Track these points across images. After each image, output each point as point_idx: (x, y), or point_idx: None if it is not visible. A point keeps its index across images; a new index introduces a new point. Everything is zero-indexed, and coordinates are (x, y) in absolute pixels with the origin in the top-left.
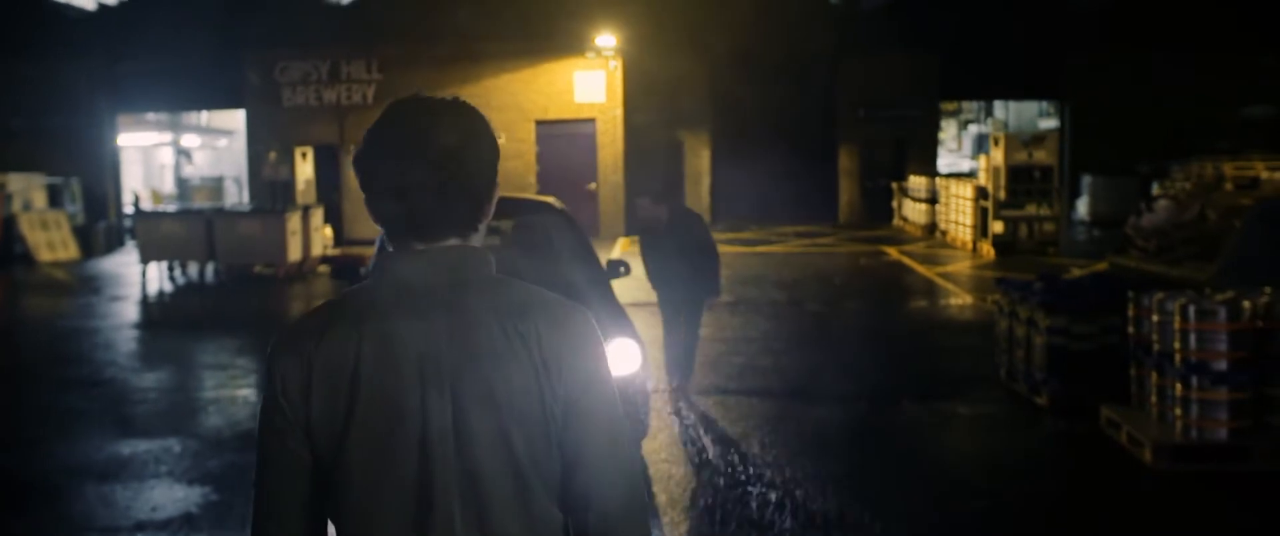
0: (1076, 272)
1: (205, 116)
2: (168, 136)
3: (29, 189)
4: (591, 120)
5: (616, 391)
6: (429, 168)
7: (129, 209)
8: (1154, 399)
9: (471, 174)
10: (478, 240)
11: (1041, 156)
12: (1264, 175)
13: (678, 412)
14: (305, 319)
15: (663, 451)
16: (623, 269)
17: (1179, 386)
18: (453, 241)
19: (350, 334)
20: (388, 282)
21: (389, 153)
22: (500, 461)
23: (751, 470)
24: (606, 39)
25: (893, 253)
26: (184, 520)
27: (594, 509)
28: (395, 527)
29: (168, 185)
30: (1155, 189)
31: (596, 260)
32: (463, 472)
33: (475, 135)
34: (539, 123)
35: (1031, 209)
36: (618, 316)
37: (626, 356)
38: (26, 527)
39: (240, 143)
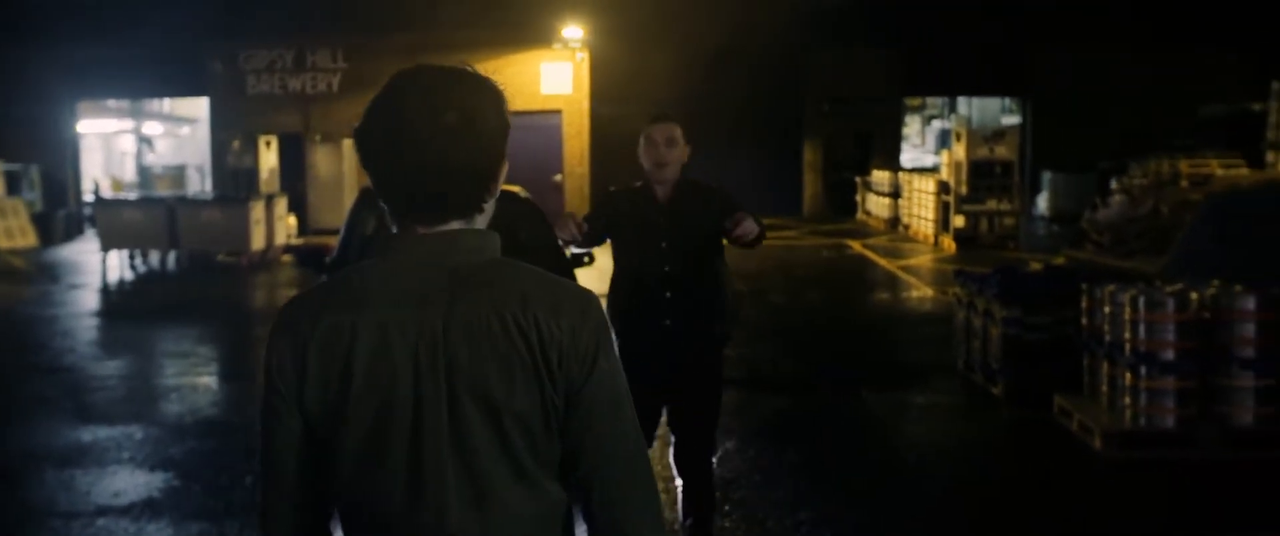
0: (1035, 266)
1: (167, 104)
2: (129, 124)
3: None
4: (558, 112)
5: (621, 374)
6: (430, 145)
7: (89, 197)
8: (1105, 388)
9: (476, 153)
10: (483, 221)
11: (1003, 152)
12: (1218, 172)
13: None
14: (304, 298)
15: None
16: (587, 259)
17: (1129, 375)
18: (455, 224)
19: (346, 319)
20: (388, 267)
21: (390, 130)
22: (496, 452)
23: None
24: (574, 31)
25: (856, 246)
26: (146, 505)
27: (597, 494)
28: (388, 512)
29: (129, 173)
30: (1113, 185)
31: (561, 250)
32: (458, 461)
33: (481, 111)
34: None
35: (992, 204)
36: None
37: None
38: None
39: (203, 131)
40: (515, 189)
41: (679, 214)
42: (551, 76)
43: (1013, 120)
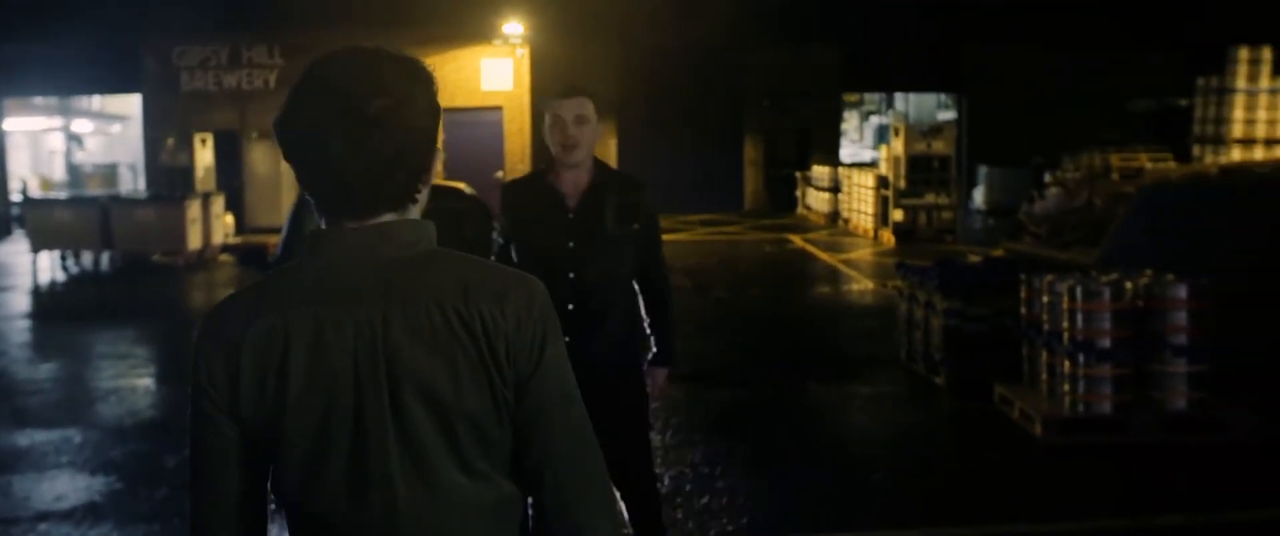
0: (973, 258)
1: (97, 101)
2: (57, 121)
3: None
4: (498, 109)
5: (567, 362)
6: (357, 136)
7: (17, 196)
8: (1044, 376)
9: (406, 140)
10: (416, 211)
11: (940, 147)
12: (1148, 165)
13: None
14: (232, 302)
15: None
16: None
17: (1067, 363)
18: (388, 217)
19: (278, 321)
20: (318, 264)
21: (312, 119)
22: (444, 451)
23: (660, 451)
24: (514, 27)
25: (797, 240)
26: (88, 509)
27: (550, 492)
28: (334, 513)
29: (58, 172)
30: (1047, 179)
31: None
32: (404, 462)
33: (410, 95)
34: (445, 111)
35: (930, 197)
36: None
37: None
38: None
39: (135, 128)
40: (460, 186)
41: (589, 208)
42: (492, 73)
43: (949, 116)
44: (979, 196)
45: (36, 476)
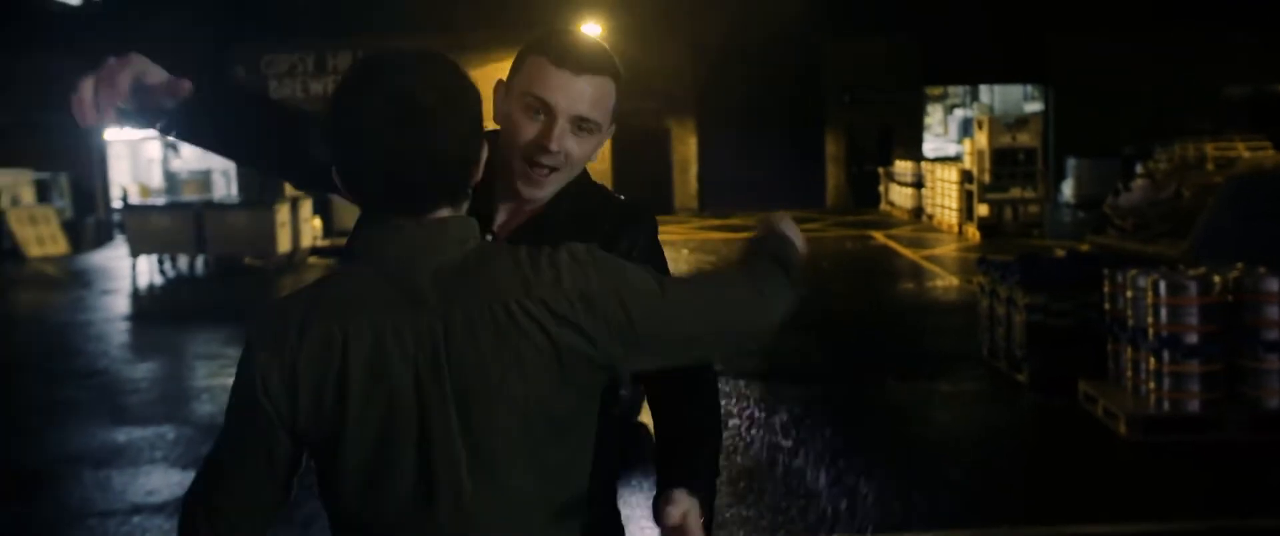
0: (1058, 253)
1: None
2: (154, 130)
3: (17, 184)
4: None
5: (646, 268)
6: (411, 130)
7: (117, 203)
8: (1129, 372)
9: (459, 134)
10: (465, 208)
11: (1025, 139)
12: (1245, 154)
13: None
14: (284, 308)
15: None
16: None
17: (1152, 360)
18: (444, 212)
19: (334, 329)
20: (372, 266)
21: (368, 113)
22: (516, 453)
23: (741, 446)
24: (591, 27)
25: (879, 237)
26: (179, 503)
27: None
28: (399, 526)
29: (155, 179)
30: (1138, 170)
31: None
32: (473, 466)
33: (459, 90)
34: None
35: (1016, 192)
36: None
37: None
38: (26, 513)
39: None
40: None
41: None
42: None
43: (1035, 107)
44: (1067, 189)
45: (133, 471)
